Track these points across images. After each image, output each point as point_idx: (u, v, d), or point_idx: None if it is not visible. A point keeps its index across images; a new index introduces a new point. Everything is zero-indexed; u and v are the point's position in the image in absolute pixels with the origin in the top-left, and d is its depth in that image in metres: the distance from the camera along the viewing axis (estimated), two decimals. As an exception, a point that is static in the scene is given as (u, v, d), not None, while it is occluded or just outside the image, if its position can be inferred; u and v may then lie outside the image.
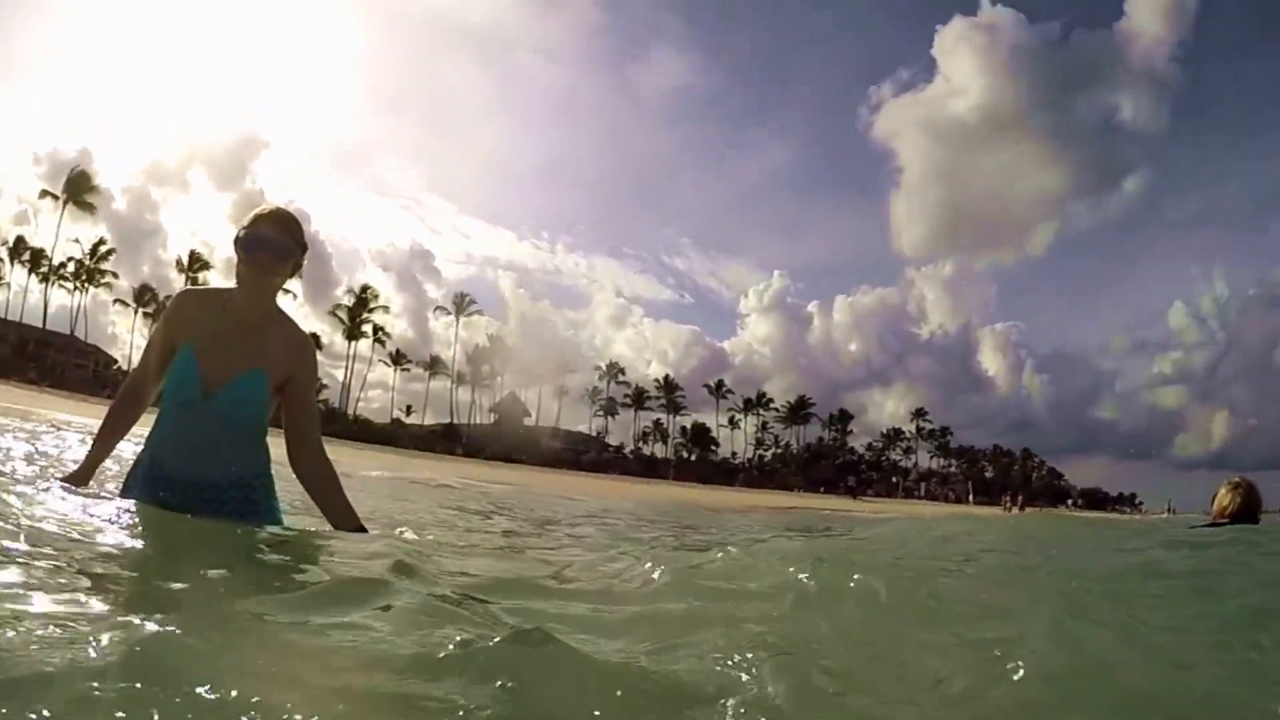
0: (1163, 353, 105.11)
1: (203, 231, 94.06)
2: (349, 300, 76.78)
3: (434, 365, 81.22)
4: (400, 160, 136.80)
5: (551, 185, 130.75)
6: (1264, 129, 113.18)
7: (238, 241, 2.76)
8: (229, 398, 2.70)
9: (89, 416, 14.58)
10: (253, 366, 2.74)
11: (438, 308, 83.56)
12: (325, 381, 66.63)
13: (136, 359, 3.21)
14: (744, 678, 1.34)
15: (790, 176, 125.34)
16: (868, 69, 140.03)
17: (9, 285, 68.37)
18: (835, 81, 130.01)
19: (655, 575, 2.54)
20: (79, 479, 2.83)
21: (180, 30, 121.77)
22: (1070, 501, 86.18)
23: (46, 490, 2.67)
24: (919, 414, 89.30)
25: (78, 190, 68.49)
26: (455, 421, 79.14)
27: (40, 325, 68.24)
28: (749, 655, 1.45)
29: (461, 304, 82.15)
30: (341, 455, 3.05)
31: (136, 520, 2.33)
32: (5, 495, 2.36)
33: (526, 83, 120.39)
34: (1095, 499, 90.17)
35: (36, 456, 4.52)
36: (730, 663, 1.42)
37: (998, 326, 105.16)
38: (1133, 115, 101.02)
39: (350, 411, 74.26)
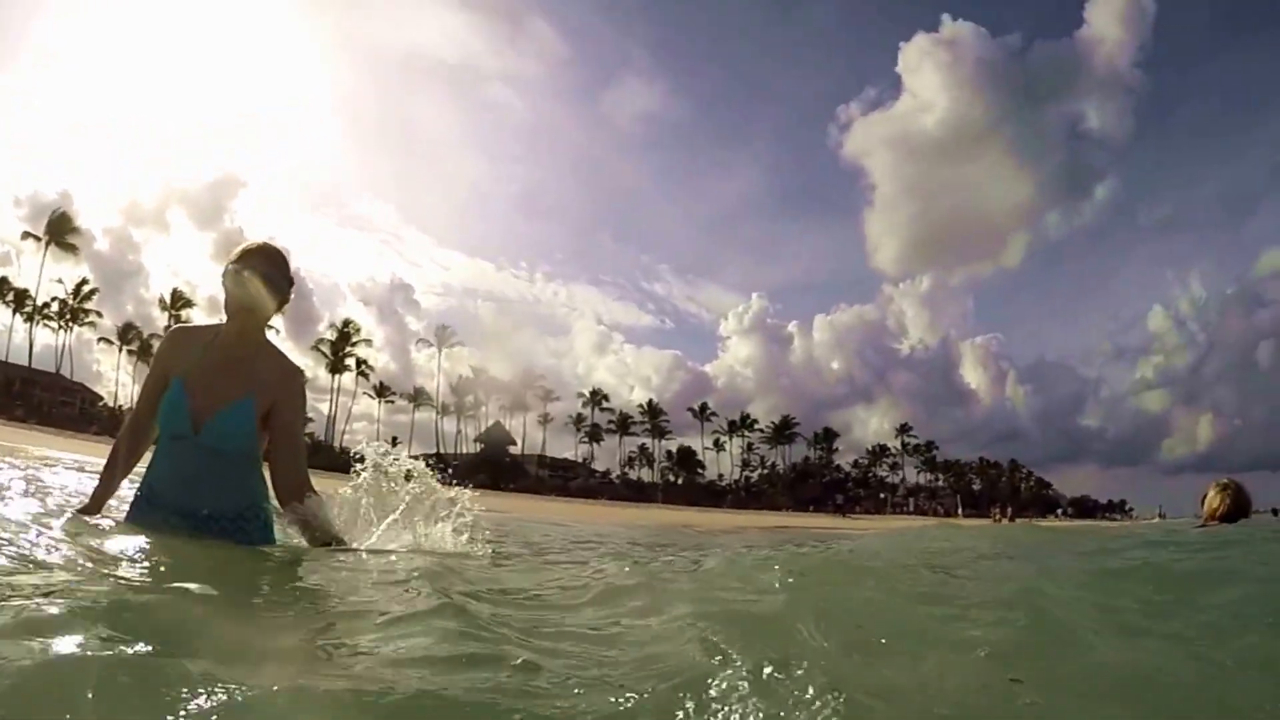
0: (1144, 357, 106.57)
1: (184, 270, 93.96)
2: (331, 335, 76.72)
3: (418, 397, 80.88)
4: (377, 195, 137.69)
5: (528, 215, 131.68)
6: (1230, 129, 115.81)
7: (226, 275, 2.81)
8: (217, 429, 2.74)
9: (77, 452, 14.46)
10: (239, 397, 2.79)
11: (420, 340, 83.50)
12: (311, 415, 66.03)
13: (122, 396, 3.24)
14: (754, 677, 1.38)
15: (763, 199, 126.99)
16: (834, 89, 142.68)
17: (-6, 325, 67.85)
18: (803, 103, 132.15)
19: (667, 585, 2.59)
20: (88, 513, 2.86)
21: (155, 71, 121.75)
22: (1060, 510, 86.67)
23: (70, 521, 2.71)
24: (903, 429, 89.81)
25: (59, 231, 69.01)
26: (441, 451, 78.66)
27: (26, 364, 67.70)
28: (762, 658, 1.49)
29: (443, 335, 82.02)
30: (329, 487, 3.09)
31: (162, 548, 2.37)
32: (30, 526, 2.42)
33: (499, 115, 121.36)
34: (1085, 507, 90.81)
35: (41, 491, 4.49)
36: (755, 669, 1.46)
37: (978, 339, 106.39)
38: (1099, 122, 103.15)
39: (336, 444, 73.70)
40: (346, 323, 77.93)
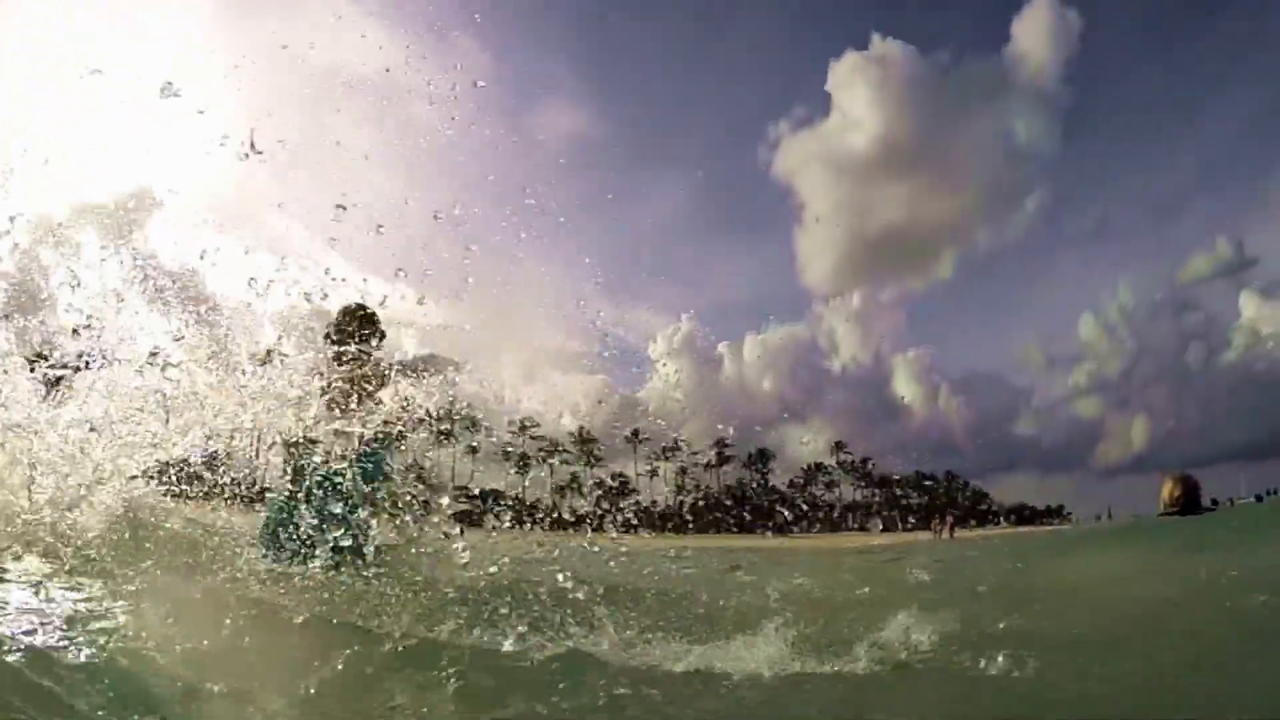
0: (1077, 365, 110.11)
1: (95, 295, 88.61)
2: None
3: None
4: (297, 218, 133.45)
5: (448, 236, 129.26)
6: (1154, 139, 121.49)
7: (327, 336, 3.52)
8: (355, 473, 3.42)
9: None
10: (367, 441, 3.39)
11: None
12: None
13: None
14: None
15: (692, 219, 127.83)
16: (763, 108, 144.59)
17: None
18: (731, 122, 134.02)
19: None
20: None
21: (62, 76, 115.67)
22: (999, 520, 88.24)
23: None
24: (839, 447, 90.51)
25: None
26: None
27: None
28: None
29: (364, 363, 79.03)
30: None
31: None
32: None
33: (419, 133, 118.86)
34: (1023, 515, 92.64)
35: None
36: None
37: (910, 354, 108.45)
38: (1027, 136, 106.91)
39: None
40: (269, 352, 74.55)
